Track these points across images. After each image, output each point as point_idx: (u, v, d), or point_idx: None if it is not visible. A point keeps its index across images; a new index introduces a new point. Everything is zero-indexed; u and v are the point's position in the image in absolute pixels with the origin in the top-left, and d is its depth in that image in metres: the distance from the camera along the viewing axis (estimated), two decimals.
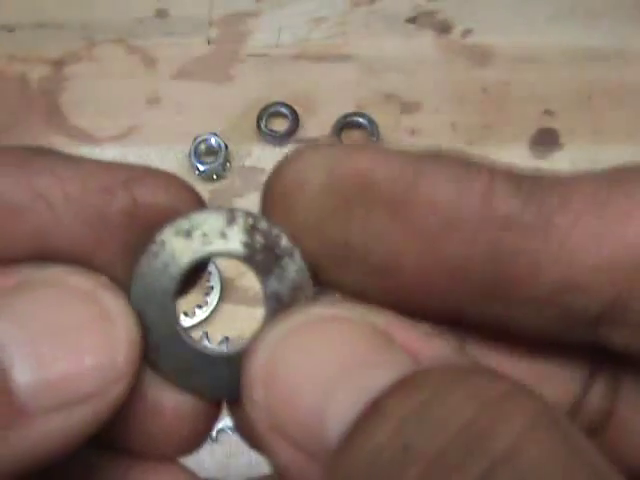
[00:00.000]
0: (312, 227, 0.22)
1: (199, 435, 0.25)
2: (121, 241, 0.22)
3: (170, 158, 0.75)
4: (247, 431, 0.24)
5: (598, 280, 0.20)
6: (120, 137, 0.76)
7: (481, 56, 0.79)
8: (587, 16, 0.80)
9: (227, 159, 0.74)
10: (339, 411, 0.19)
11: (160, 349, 0.23)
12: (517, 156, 0.74)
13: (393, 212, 0.21)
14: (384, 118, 0.75)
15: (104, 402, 0.21)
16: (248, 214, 0.23)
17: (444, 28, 0.80)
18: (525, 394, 0.18)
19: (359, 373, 0.20)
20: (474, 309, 0.22)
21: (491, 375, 0.19)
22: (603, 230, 0.19)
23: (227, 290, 0.70)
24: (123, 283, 0.23)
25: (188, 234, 0.23)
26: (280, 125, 0.76)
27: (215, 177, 0.74)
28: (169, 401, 0.23)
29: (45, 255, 0.22)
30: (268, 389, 0.20)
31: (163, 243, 0.23)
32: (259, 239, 0.23)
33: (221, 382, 0.23)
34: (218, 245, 0.23)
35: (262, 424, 0.20)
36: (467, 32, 0.80)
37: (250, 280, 0.71)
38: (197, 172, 0.73)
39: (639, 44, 0.79)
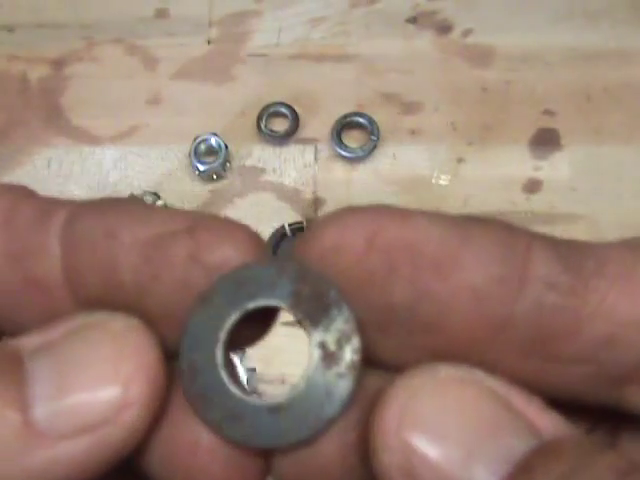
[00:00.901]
0: (353, 291, 0.23)
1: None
2: (180, 283, 0.23)
3: (170, 158, 0.75)
4: None
5: (632, 335, 0.22)
6: (120, 137, 0.76)
7: (481, 56, 0.79)
8: (587, 16, 0.80)
9: (227, 159, 0.74)
10: (485, 470, 0.20)
11: (207, 398, 0.24)
12: (517, 156, 0.75)
13: (441, 270, 0.22)
14: (384, 118, 0.75)
15: (114, 431, 0.22)
16: (299, 265, 0.24)
17: (444, 28, 0.80)
18: None
19: (499, 436, 0.21)
20: (509, 366, 0.23)
21: (614, 451, 0.21)
22: (635, 291, 0.22)
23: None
24: (175, 321, 0.24)
25: (239, 285, 0.24)
26: (280, 125, 0.76)
27: (215, 177, 0.74)
28: (205, 441, 0.24)
29: (110, 289, 0.24)
30: (404, 441, 0.21)
31: (214, 294, 0.24)
32: (307, 289, 0.23)
33: (265, 431, 0.24)
34: (267, 295, 0.24)
35: (396, 471, 0.21)
36: (467, 32, 0.80)
37: None
38: (197, 172, 0.74)
39: (639, 44, 0.79)
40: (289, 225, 0.71)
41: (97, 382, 0.22)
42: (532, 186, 0.74)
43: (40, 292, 0.24)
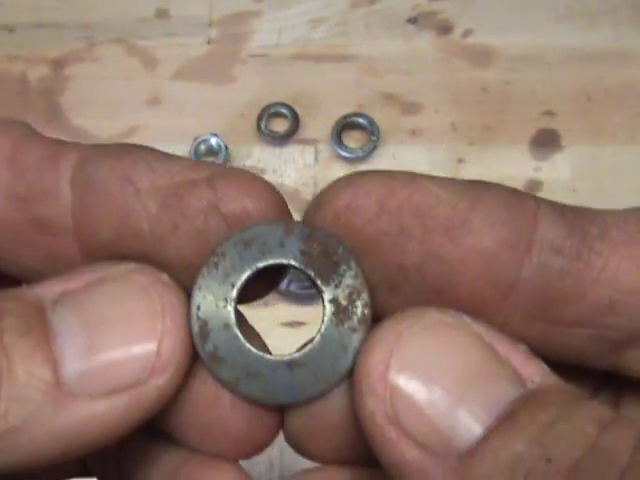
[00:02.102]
0: (365, 250, 0.23)
1: (257, 438, 0.25)
2: (197, 231, 0.23)
3: None
4: (302, 438, 0.25)
5: (632, 301, 0.22)
6: (120, 137, 0.76)
7: (481, 56, 0.79)
8: (587, 17, 0.80)
9: (227, 159, 0.74)
10: (470, 417, 0.20)
11: (220, 356, 0.24)
12: (517, 157, 0.74)
13: (451, 233, 0.22)
14: (384, 118, 0.75)
15: (147, 391, 0.22)
16: (305, 225, 0.24)
17: (444, 28, 0.80)
18: (625, 419, 0.20)
19: (485, 383, 0.21)
20: (515, 328, 0.23)
21: (598, 401, 0.21)
22: (637, 257, 0.22)
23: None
24: (192, 272, 0.23)
25: (247, 245, 0.24)
26: (280, 125, 0.76)
27: None
28: (226, 397, 0.24)
29: (124, 237, 0.23)
30: (390, 384, 0.21)
31: (223, 254, 0.24)
32: (316, 247, 0.24)
33: (281, 387, 0.24)
34: (277, 254, 0.24)
35: (381, 417, 0.21)
36: (467, 32, 0.80)
37: None
38: None
39: (639, 44, 0.79)
40: None
41: (130, 340, 0.21)
42: (532, 186, 0.73)
43: (47, 235, 0.23)
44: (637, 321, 0.23)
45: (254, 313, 0.27)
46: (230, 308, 0.24)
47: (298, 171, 0.75)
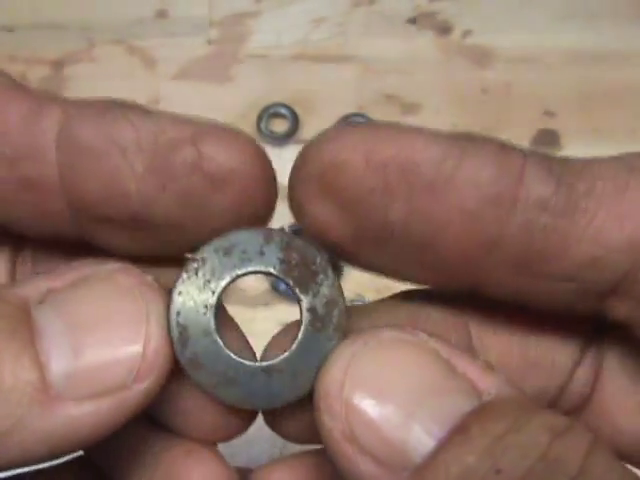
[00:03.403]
0: (351, 207, 0.23)
1: (234, 425, 0.26)
2: (183, 191, 0.23)
3: None
4: (278, 420, 0.26)
5: (617, 257, 0.22)
6: None
7: (481, 57, 0.79)
8: (587, 17, 0.80)
9: None
10: (423, 431, 0.21)
11: (199, 362, 0.24)
12: None
13: (436, 191, 0.22)
14: (384, 118, 0.75)
15: (132, 394, 0.22)
16: (284, 233, 0.24)
17: (444, 29, 0.80)
18: (579, 426, 0.20)
19: (438, 397, 0.21)
20: (499, 283, 0.23)
21: (551, 409, 0.21)
22: (623, 213, 0.22)
23: (227, 291, 0.70)
24: (179, 232, 0.23)
25: (227, 252, 0.24)
26: (280, 126, 0.76)
27: None
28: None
29: (112, 197, 0.23)
30: (345, 402, 0.21)
31: (204, 260, 0.24)
32: (295, 256, 0.24)
33: (258, 393, 0.24)
34: (256, 262, 0.24)
35: (338, 434, 0.21)
36: (467, 33, 0.80)
37: (249, 281, 0.71)
38: None
39: (639, 44, 0.79)
40: (289, 226, 0.70)
41: (115, 342, 0.22)
42: None
43: (35, 194, 0.23)
44: (619, 275, 0.23)
45: (254, 313, 0.27)
46: (210, 315, 0.24)
47: None
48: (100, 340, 0.21)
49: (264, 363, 0.24)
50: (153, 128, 0.23)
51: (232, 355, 0.24)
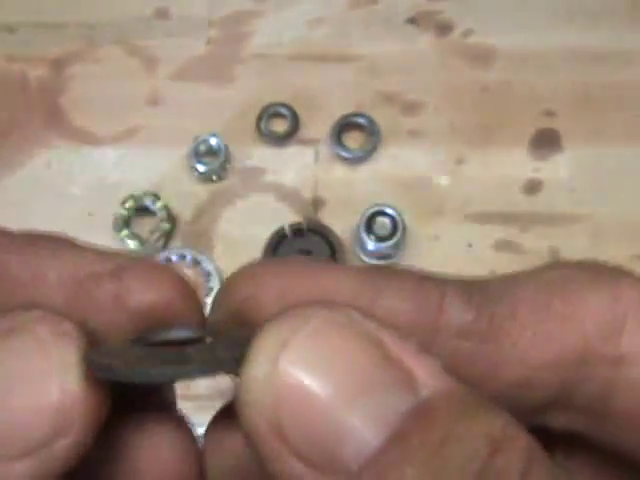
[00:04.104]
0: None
1: None
2: (107, 324, 0.23)
3: (170, 158, 0.75)
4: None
5: (546, 376, 0.23)
6: (120, 137, 0.76)
7: (481, 57, 0.79)
8: (587, 17, 0.80)
9: (227, 160, 0.74)
10: (358, 434, 0.19)
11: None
12: (517, 157, 0.74)
13: None
14: (384, 118, 0.75)
15: (58, 450, 0.21)
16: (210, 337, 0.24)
17: (444, 28, 0.80)
18: (518, 429, 0.20)
19: (374, 393, 0.20)
20: None
21: (491, 408, 0.20)
22: (547, 333, 0.22)
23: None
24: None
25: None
26: (280, 125, 0.76)
27: (215, 178, 0.74)
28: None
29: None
30: (274, 396, 0.20)
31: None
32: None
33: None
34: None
35: (265, 431, 0.20)
36: (467, 33, 0.80)
37: None
38: (197, 173, 0.74)
39: (639, 44, 0.79)
40: (289, 226, 0.71)
41: (30, 400, 0.21)
42: (532, 187, 0.73)
43: None
44: (551, 391, 0.23)
45: None
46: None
47: (298, 171, 0.75)
48: (15, 399, 0.21)
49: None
50: (77, 261, 0.23)
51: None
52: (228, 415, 0.25)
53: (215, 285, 0.69)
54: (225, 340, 0.24)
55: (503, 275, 0.24)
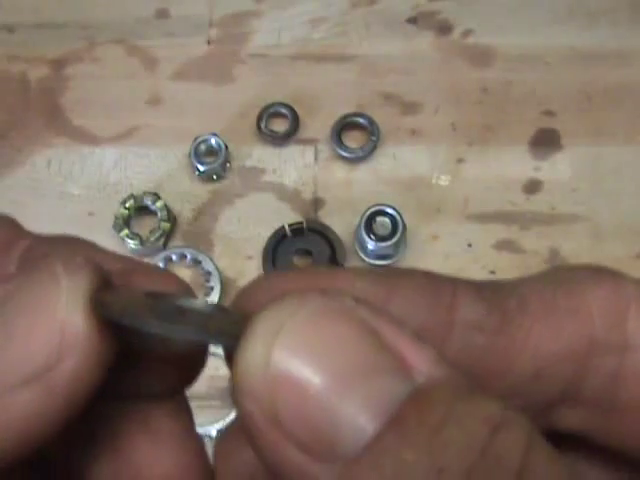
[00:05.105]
0: None
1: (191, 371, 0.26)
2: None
3: (170, 158, 0.75)
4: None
5: (559, 367, 0.23)
6: (120, 137, 0.76)
7: (481, 56, 0.79)
8: (587, 16, 0.80)
9: (227, 159, 0.74)
10: (356, 419, 0.19)
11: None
12: (517, 157, 0.75)
13: None
14: (384, 118, 0.75)
15: (60, 375, 0.21)
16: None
17: (444, 28, 0.80)
18: (516, 416, 0.20)
19: (370, 379, 0.20)
20: None
21: (487, 395, 0.21)
22: (557, 325, 0.23)
23: (227, 290, 0.71)
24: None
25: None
26: (280, 125, 0.76)
27: (215, 177, 0.74)
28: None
29: None
30: (271, 382, 0.20)
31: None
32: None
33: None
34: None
35: (260, 417, 0.20)
36: (467, 32, 0.80)
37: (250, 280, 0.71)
38: (197, 172, 0.74)
39: (639, 44, 0.79)
40: (289, 225, 0.71)
41: (35, 327, 0.21)
42: (532, 186, 0.74)
43: None
44: (564, 384, 0.23)
45: None
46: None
47: (298, 171, 0.75)
48: (23, 327, 0.22)
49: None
50: (96, 259, 0.24)
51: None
52: (240, 428, 0.25)
53: (215, 284, 0.69)
54: (229, 316, 0.24)
55: (508, 279, 0.25)
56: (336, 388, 0.19)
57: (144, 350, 0.24)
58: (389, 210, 0.69)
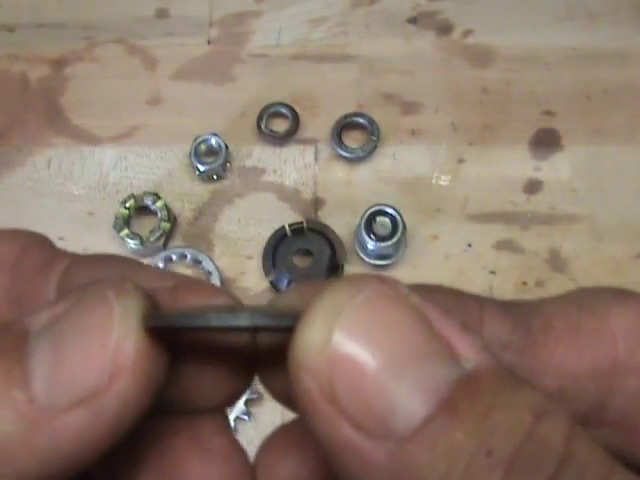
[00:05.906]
0: None
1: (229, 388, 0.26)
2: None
3: (170, 158, 0.75)
4: (284, 394, 0.25)
5: (583, 385, 0.24)
6: (120, 137, 0.76)
7: (481, 56, 0.79)
8: (587, 16, 0.80)
9: (227, 159, 0.74)
10: (407, 400, 0.20)
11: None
12: (517, 157, 0.75)
13: None
14: (384, 118, 0.75)
15: (110, 398, 0.22)
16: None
17: (444, 28, 0.80)
18: (558, 406, 0.21)
19: (422, 363, 0.21)
20: None
21: (531, 385, 0.21)
22: (580, 345, 0.24)
23: (227, 290, 0.70)
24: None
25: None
26: (280, 125, 0.76)
27: (215, 177, 0.74)
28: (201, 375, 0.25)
29: None
30: (330, 360, 0.20)
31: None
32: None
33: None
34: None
35: (317, 394, 0.21)
36: (467, 32, 0.80)
37: (250, 280, 0.71)
38: (197, 172, 0.74)
39: (639, 44, 0.79)
40: (289, 225, 0.71)
41: (87, 349, 0.22)
42: (532, 186, 0.74)
43: None
44: (588, 404, 0.24)
45: None
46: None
47: (298, 171, 0.75)
48: (75, 349, 0.22)
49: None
50: (139, 278, 0.24)
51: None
52: (282, 437, 0.26)
53: (215, 284, 0.69)
54: (278, 307, 0.24)
55: (533, 299, 0.25)
56: (391, 370, 0.20)
57: (197, 359, 0.25)
58: (389, 210, 0.69)
